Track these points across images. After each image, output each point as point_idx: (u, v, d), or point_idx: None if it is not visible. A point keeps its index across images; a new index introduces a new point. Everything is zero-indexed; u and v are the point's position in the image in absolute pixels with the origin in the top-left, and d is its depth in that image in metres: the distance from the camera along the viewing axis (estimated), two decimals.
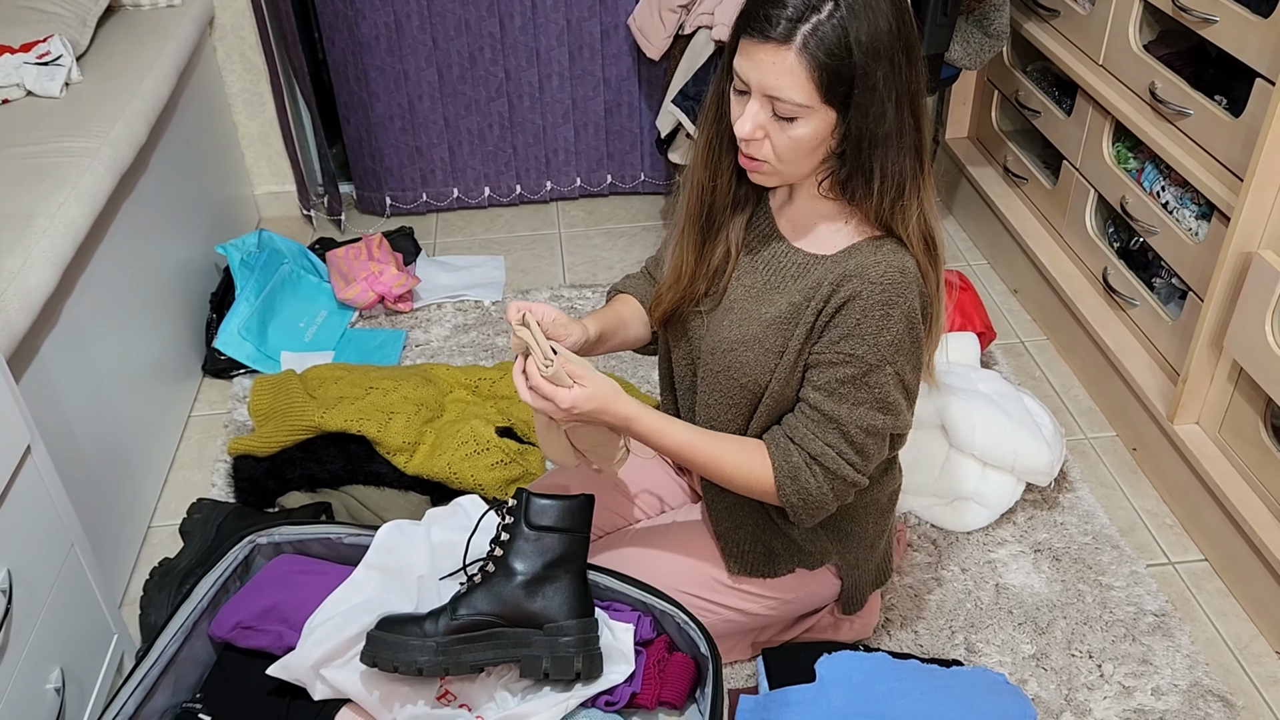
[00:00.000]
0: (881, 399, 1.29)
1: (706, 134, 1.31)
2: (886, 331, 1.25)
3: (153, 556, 1.88)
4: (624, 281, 1.57)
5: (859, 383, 1.28)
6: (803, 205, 1.33)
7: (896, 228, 1.25)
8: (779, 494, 1.32)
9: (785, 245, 1.34)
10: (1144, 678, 1.66)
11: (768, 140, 1.21)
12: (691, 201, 1.36)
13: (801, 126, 1.18)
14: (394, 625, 1.30)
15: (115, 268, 1.95)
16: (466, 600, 1.32)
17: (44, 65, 2.07)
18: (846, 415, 1.29)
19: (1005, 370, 2.33)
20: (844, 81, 1.15)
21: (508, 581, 1.32)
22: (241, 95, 2.81)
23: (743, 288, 1.37)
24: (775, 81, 1.16)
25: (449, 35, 2.71)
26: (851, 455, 1.31)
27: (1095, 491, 2.02)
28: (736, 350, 1.35)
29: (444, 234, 2.92)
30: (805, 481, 1.31)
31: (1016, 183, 2.63)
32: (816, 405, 1.30)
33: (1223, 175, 1.83)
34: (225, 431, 2.19)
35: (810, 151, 1.21)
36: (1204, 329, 1.83)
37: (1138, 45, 2.07)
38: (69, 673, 1.44)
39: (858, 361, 1.27)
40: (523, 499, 1.35)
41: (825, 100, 1.16)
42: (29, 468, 1.39)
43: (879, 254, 1.25)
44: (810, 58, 1.13)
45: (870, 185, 1.22)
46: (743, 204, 1.37)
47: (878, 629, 1.73)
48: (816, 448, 1.30)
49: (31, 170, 1.79)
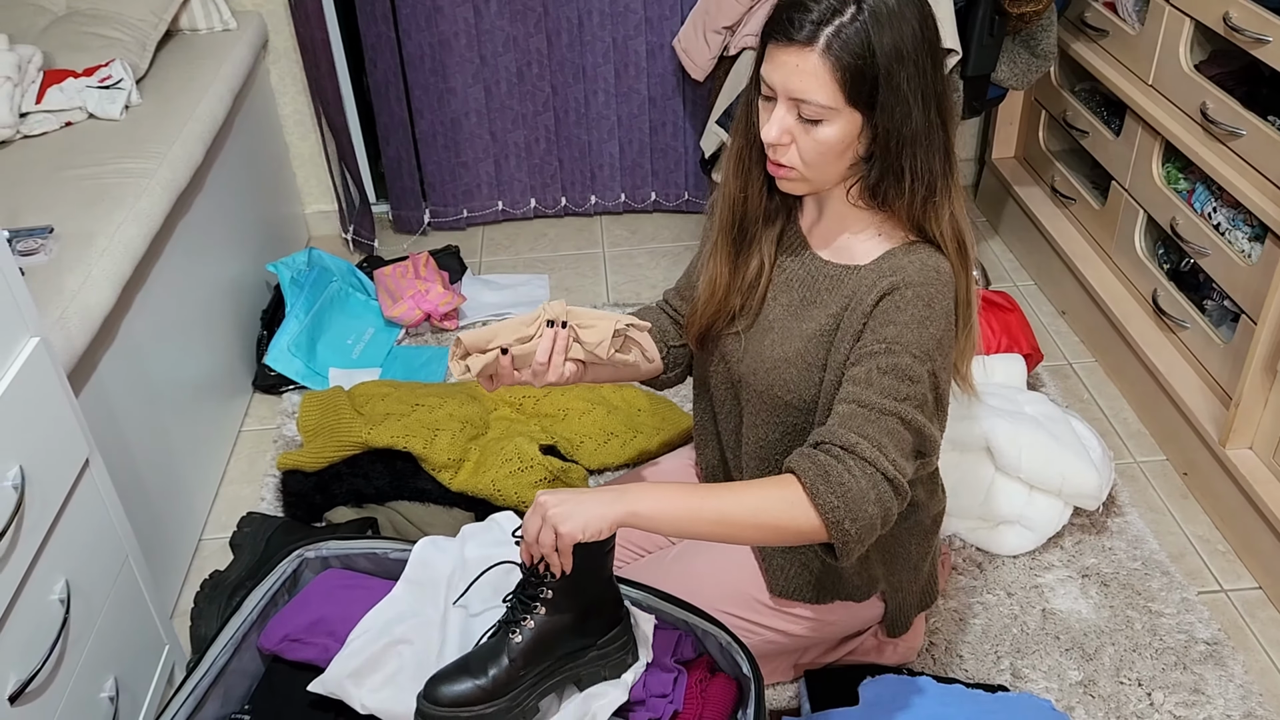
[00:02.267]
0: (920, 395, 1.21)
1: (737, 145, 1.32)
2: (930, 324, 1.22)
3: (204, 569, 1.92)
4: (640, 313, 1.55)
5: (900, 374, 1.21)
6: (833, 219, 1.33)
7: (929, 228, 1.25)
8: (815, 502, 1.14)
9: (818, 260, 1.34)
10: (1196, 707, 1.63)
11: (794, 145, 1.21)
12: (724, 213, 1.37)
13: (827, 129, 1.19)
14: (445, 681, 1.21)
15: (170, 285, 2.00)
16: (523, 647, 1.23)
17: (105, 89, 2.13)
18: (887, 405, 1.20)
19: (1052, 392, 2.30)
20: (868, 82, 1.15)
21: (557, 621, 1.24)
22: (294, 116, 2.87)
23: (780, 306, 1.37)
24: (800, 84, 1.16)
25: (497, 51, 2.76)
26: (891, 449, 1.18)
27: (1145, 516, 1.99)
28: (780, 368, 1.34)
29: (489, 252, 2.95)
30: (839, 476, 1.15)
31: (1064, 203, 2.61)
32: (852, 398, 1.21)
33: (1277, 196, 1.80)
34: (275, 446, 2.23)
35: (837, 156, 1.22)
36: (1257, 352, 1.80)
37: (1188, 65, 2.04)
38: (122, 682, 1.47)
39: (900, 350, 1.21)
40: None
41: (850, 102, 1.16)
42: (87, 481, 1.42)
43: (913, 256, 1.25)
44: (834, 59, 1.14)
45: (901, 185, 1.22)
46: (774, 217, 1.37)
47: (922, 652, 1.72)
48: (849, 440, 1.18)
49: (93, 191, 1.84)
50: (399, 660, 1.37)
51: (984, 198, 3.02)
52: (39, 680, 1.26)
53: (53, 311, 1.51)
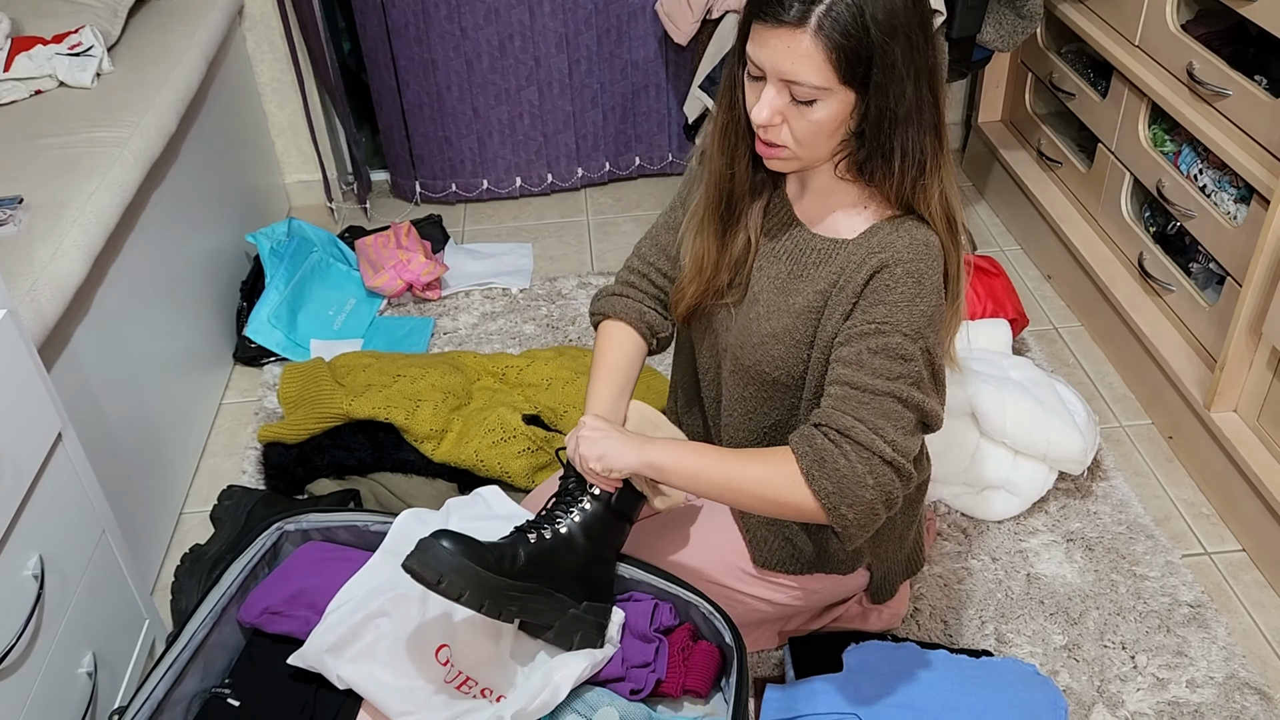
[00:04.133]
0: (915, 373, 1.20)
1: (722, 121, 1.28)
2: (920, 301, 1.20)
3: (184, 542, 1.90)
4: (606, 303, 1.47)
5: (892, 354, 1.20)
6: (820, 191, 1.31)
7: (918, 206, 1.23)
8: (809, 484, 1.18)
9: (805, 233, 1.32)
10: (1179, 670, 1.63)
11: (786, 125, 1.19)
12: (710, 190, 1.34)
13: (820, 110, 1.16)
14: (454, 539, 1.21)
15: (146, 256, 1.97)
16: (535, 554, 1.26)
17: (75, 56, 2.09)
18: (881, 386, 1.19)
19: (1038, 357, 2.30)
20: (862, 61, 1.12)
21: (570, 548, 1.28)
22: (271, 84, 2.82)
23: (767, 278, 1.34)
24: (791, 66, 1.13)
25: (478, 24, 2.71)
26: (888, 430, 1.18)
27: (1130, 480, 1.99)
28: (768, 344, 1.32)
29: (472, 221, 2.93)
30: (835, 462, 1.17)
31: (1050, 166, 2.59)
32: (845, 380, 1.21)
33: (1262, 157, 1.78)
34: (256, 419, 2.21)
35: (830, 134, 1.19)
36: (1242, 314, 1.79)
37: (1175, 25, 2.02)
38: (101, 657, 1.46)
39: (890, 329, 1.20)
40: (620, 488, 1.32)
41: (844, 81, 1.14)
42: (60, 455, 1.40)
43: (901, 229, 1.23)
44: (826, 39, 1.11)
45: (891, 164, 1.20)
46: (759, 190, 1.34)
47: (907, 619, 1.72)
48: (846, 423, 1.18)
49: (63, 160, 1.81)
50: (376, 632, 1.36)
51: (970, 162, 2.99)
52: (13, 657, 1.24)
53: (22, 283, 1.49)
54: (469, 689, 1.32)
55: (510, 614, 1.23)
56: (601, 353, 1.44)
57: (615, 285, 1.50)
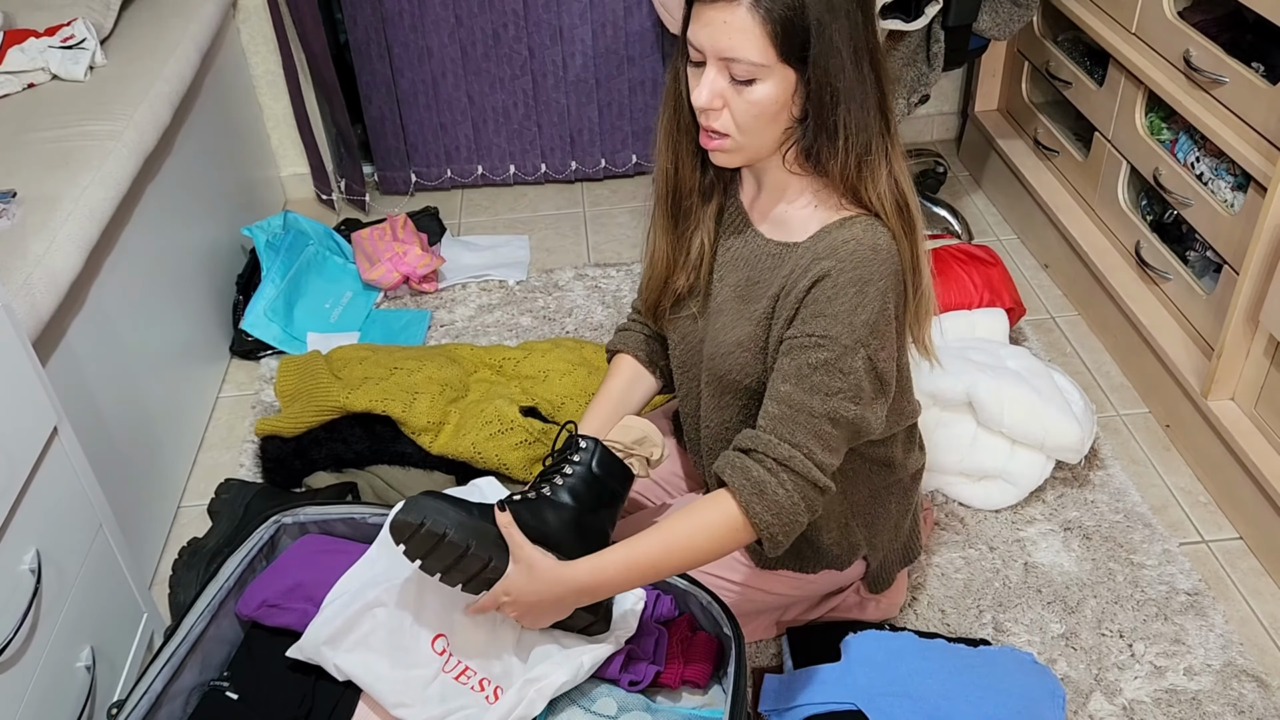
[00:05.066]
0: (854, 386, 1.21)
1: (666, 118, 1.28)
2: (861, 310, 1.19)
3: (182, 536, 1.90)
4: (614, 340, 1.54)
5: (831, 368, 1.20)
6: (772, 190, 1.29)
7: (865, 191, 1.21)
8: (749, 516, 1.20)
9: (760, 238, 1.30)
10: (1176, 657, 1.64)
11: (727, 109, 1.17)
12: (657, 186, 1.34)
13: (760, 89, 1.14)
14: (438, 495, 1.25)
15: (141, 250, 1.96)
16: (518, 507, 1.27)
17: (68, 49, 2.08)
18: (819, 406, 1.21)
19: (1035, 346, 2.29)
20: (799, 35, 1.11)
21: (558, 509, 1.29)
22: (266, 77, 2.82)
23: (728, 287, 1.34)
24: (729, 41, 1.12)
25: (472, 12, 2.70)
26: (820, 454, 1.22)
27: (1127, 469, 1.99)
28: (734, 353, 1.32)
29: (469, 214, 2.92)
30: (775, 493, 1.20)
31: (1047, 155, 2.58)
32: (784, 399, 1.22)
33: (1259, 145, 1.78)
34: (253, 412, 2.21)
35: (771, 118, 1.17)
36: (1239, 303, 1.79)
37: (1172, 12, 2.01)
38: (99, 651, 1.46)
39: (830, 344, 1.20)
40: (594, 445, 1.35)
41: (782, 57, 1.12)
42: (56, 449, 1.40)
43: (849, 232, 1.21)
44: (764, 12, 1.10)
45: (835, 144, 1.17)
46: (710, 193, 1.34)
47: (904, 608, 1.72)
48: (783, 452, 1.21)
49: (56, 154, 1.80)
50: (373, 622, 1.36)
51: (967, 151, 2.99)
52: (10, 651, 1.24)
53: (16, 278, 1.48)
54: (467, 679, 1.32)
55: (499, 564, 1.23)
56: (602, 382, 1.51)
57: (625, 320, 1.56)
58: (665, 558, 1.22)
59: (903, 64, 2.15)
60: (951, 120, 3.11)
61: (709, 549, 1.23)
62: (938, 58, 2.16)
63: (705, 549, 1.22)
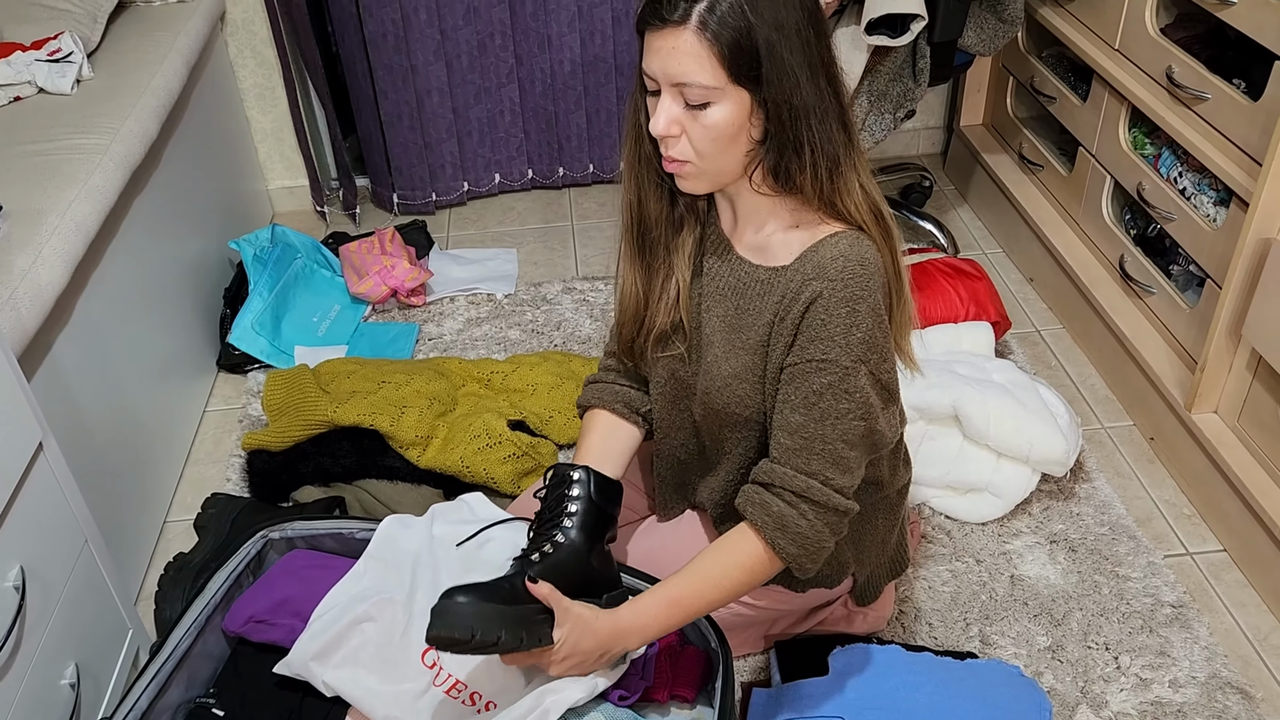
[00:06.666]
0: (863, 404, 1.23)
1: (628, 149, 1.27)
2: (856, 329, 1.20)
3: (168, 551, 1.90)
4: (584, 395, 1.50)
5: (837, 390, 1.21)
6: (748, 215, 1.28)
7: (840, 203, 1.21)
8: (775, 551, 1.24)
9: (745, 265, 1.29)
10: (1161, 670, 1.65)
11: (685, 136, 1.17)
12: (624, 218, 1.33)
13: (716, 112, 1.14)
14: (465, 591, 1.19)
15: (128, 264, 1.96)
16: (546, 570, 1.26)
17: (55, 62, 2.08)
18: (830, 432, 1.22)
19: (1020, 359, 2.31)
20: (748, 55, 1.11)
21: (576, 555, 1.29)
22: (254, 90, 2.82)
23: (716, 318, 1.33)
24: (679, 66, 1.12)
25: (457, 25, 2.70)
26: (838, 479, 1.24)
27: (1112, 481, 2.00)
28: (731, 385, 1.31)
29: (456, 227, 2.92)
30: (796, 525, 1.23)
31: (1032, 170, 2.60)
32: (796, 429, 1.23)
33: (1241, 160, 1.80)
34: (240, 426, 2.20)
35: (730, 140, 1.16)
36: (1222, 317, 1.80)
37: (1154, 29, 2.04)
38: (84, 668, 1.45)
39: (832, 366, 1.20)
40: (588, 474, 1.34)
41: (733, 78, 1.12)
42: (41, 465, 1.39)
43: (836, 249, 1.20)
44: (711, 35, 1.10)
45: (803, 160, 1.17)
46: (680, 225, 1.33)
47: (891, 621, 1.72)
48: (800, 484, 1.23)
49: (42, 168, 1.80)
50: (362, 637, 1.36)
51: (952, 165, 3.01)
52: None
53: (1, 292, 1.48)
54: (458, 693, 1.32)
55: (550, 637, 1.22)
56: (577, 442, 1.48)
57: (596, 372, 1.52)
58: (700, 597, 1.26)
59: (889, 79, 2.16)
60: (937, 134, 3.13)
61: (743, 583, 1.26)
62: (923, 73, 2.18)
63: (737, 583, 1.26)
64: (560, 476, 1.35)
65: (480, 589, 1.19)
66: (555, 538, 1.30)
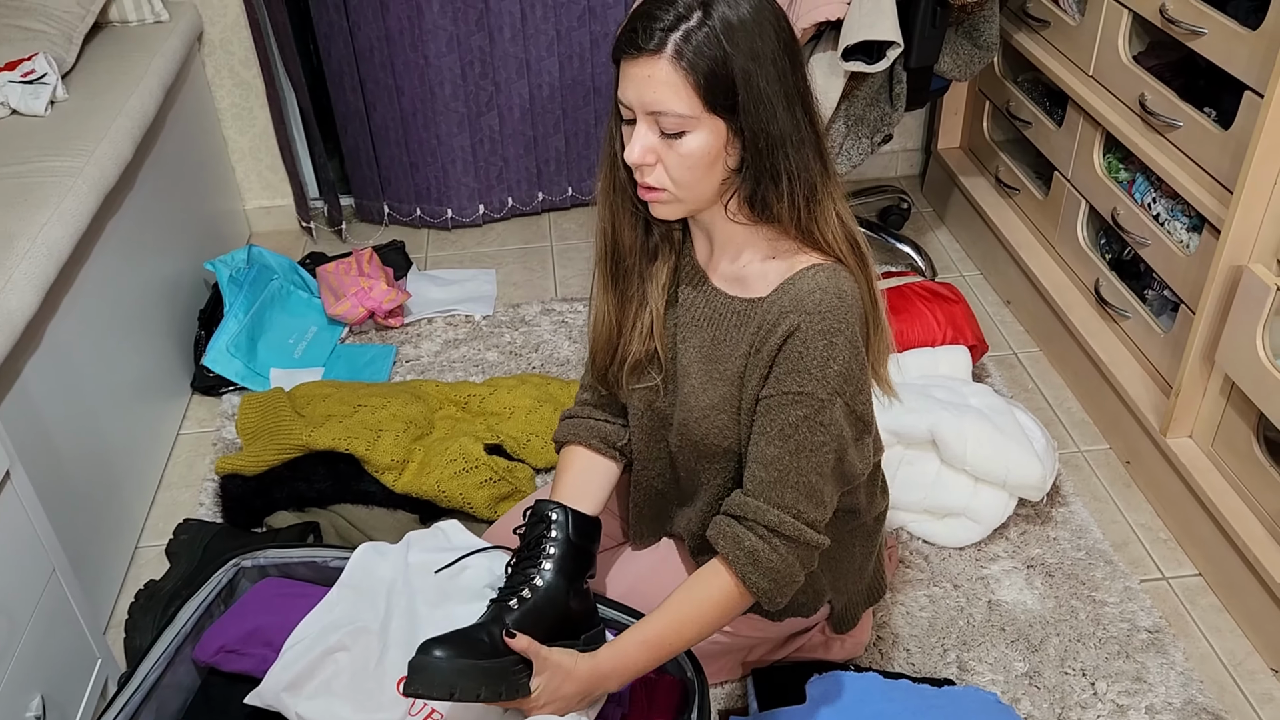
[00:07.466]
0: (836, 437, 1.23)
1: (604, 177, 1.27)
2: (833, 361, 1.19)
3: (140, 577, 1.87)
4: (559, 430, 1.48)
5: (812, 423, 1.21)
6: (724, 244, 1.28)
7: (818, 231, 1.20)
8: (746, 586, 1.24)
9: (721, 296, 1.29)
10: (1138, 695, 1.65)
11: (660, 164, 1.16)
12: (598, 246, 1.32)
13: (691, 140, 1.14)
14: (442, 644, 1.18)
15: (101, 287, 1.94)
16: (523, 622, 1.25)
17: (29, 84, 2.06)
18: (805, 464, 1.22)
19: (998, 383, 2.32)
20: (724, 84, 1.11)
21: (553, 599, 1.28)
22: (231, 110, 2.81)
23: (692, 349, 1.32)
24: (654, 94, 1.12)
25: (440, 52, 2.70)
26: (811, 513, 1.24)
27: (1088, 505, 2.01)
28: (710, 416, 1.30)
29: (435, 248, 2.91)
30: (768, 560, 1.23)
31: (1008, 193, 2.62)
32: (770, 461, 1.23)
33: (1212, 188, 1.82)
34: (214, 450, 2.18)
35: (706, 169, 1.16)
36: (1195, 342, 1.82)
37: (1127, 56, 2.06)
38: (50, 700, 1.43)
39: (807, 399, 1.20)
40: (565, 513, 1.33)
41: (709, 107, 1.12)
42: (8, 493, 1.37)
43: (813, 282, 1.20)
44: (687, 64, 1.10)
45: (779, 189, 1.16)
46: (654, 254, 1.32)
47: (869, 647, 1.72)
48: (773, 519, 1.23)
49: (14, 190, 1.78)
50: (334, 667, 1.35)
51: (930, 188, 3.03)
52: None
53: None
54: None
55: (528, 688, 1.21)
56: (553, 479, 1.46)
57: (572, 407, 1.51)
58: (677, 634, 1.26)
59: (866, 104, 2.18)
60: (915, 156, 3.15)
61: (716, 618, 1.27)
62: (900, 98, 2.19)
63: (712, 619, 1.26)
64: (539, 515, 1.33)
65: (457, 642, 1.18)
66: (534, 580, 1.28)
